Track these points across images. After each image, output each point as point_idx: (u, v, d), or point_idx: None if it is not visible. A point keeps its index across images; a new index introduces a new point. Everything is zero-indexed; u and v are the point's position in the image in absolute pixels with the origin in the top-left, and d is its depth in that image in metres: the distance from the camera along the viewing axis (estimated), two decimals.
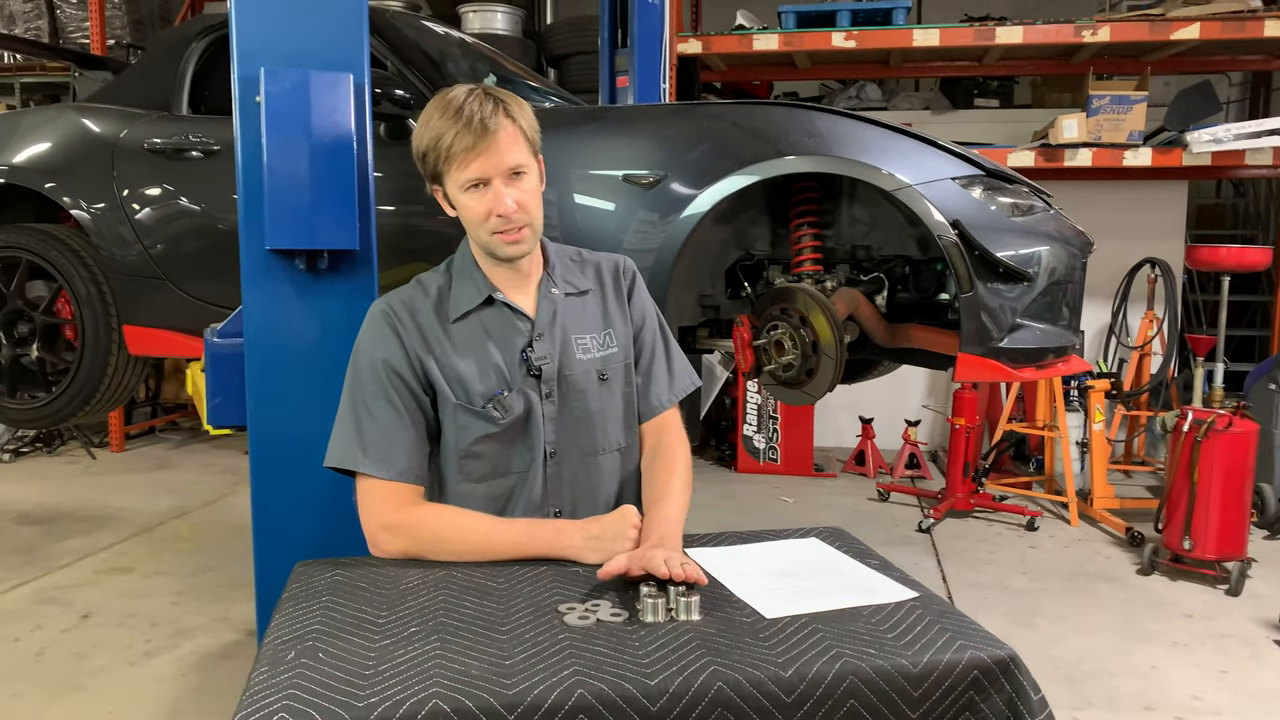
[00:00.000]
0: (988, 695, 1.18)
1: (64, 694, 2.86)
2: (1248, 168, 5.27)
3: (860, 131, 2.61)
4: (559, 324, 1.70)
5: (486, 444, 1.66)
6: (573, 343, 1.70)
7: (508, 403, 1.64)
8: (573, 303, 1.73)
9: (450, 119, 1.56)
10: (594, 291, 1.77)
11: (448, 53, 3.27)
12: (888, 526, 4.72)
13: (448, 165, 1.58)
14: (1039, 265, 2.54)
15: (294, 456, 2.01)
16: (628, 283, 1.80)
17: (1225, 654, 3.26)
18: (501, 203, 1.58)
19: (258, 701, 1.07)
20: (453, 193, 1.62)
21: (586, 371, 1.70)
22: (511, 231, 1.61)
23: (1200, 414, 3.94)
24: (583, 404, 1.70)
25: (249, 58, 1.94)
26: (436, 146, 1.57)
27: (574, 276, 1.76)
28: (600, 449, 1.72)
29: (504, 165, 1.58)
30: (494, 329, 1.68)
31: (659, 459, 1.74)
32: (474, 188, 1.59)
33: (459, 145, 1.55)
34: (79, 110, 3.49)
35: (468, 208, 1.61)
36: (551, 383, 1.67)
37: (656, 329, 1.82)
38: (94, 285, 3.31)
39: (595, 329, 1.73)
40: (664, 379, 1.79)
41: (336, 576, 1.48)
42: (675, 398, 1.80)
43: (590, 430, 1.71)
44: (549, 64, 6.11)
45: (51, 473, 5.66)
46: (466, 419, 1.65)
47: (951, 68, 6.17)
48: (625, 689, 1.10)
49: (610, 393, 1.73)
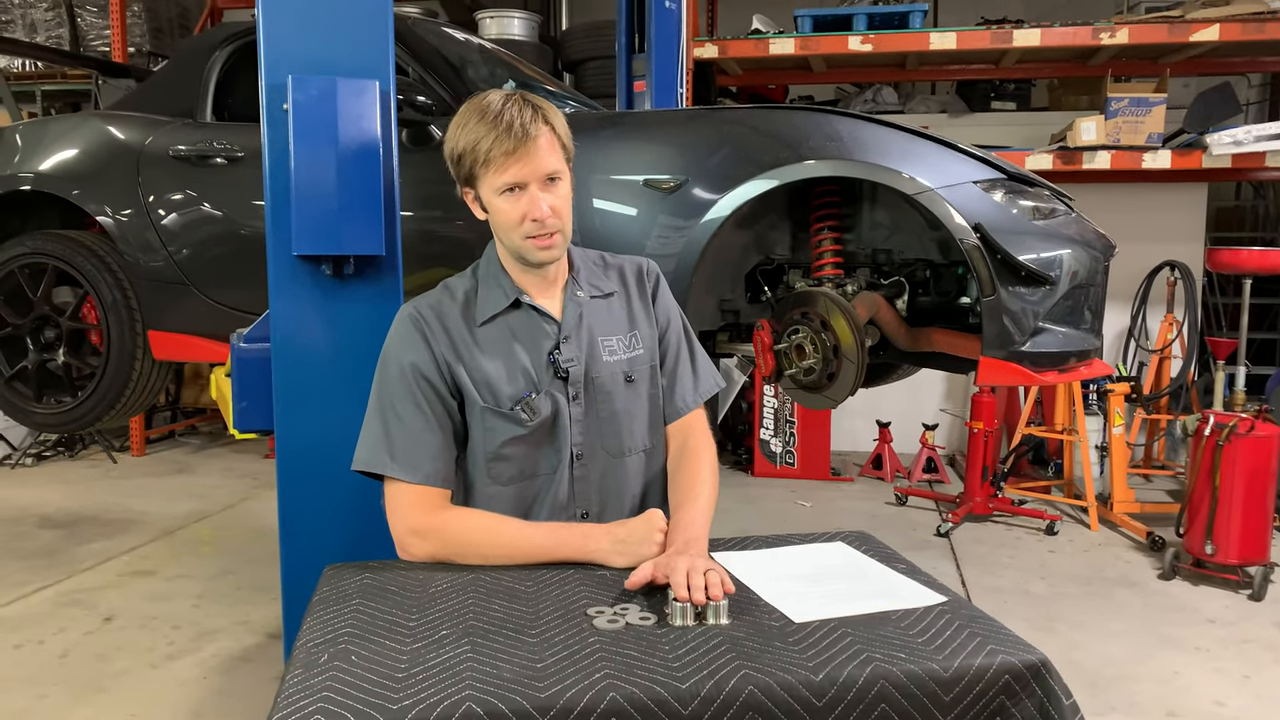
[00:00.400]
0: (1019, 700, 1.18)
1: (88, 696, 2.88)
2: (1269, 169, 5.23)
3: (881, 135, 2.61)
4: (585, 326, 1.71)
5: (514, 446, 1.67)
6: (599, 345, 1.71)
7: (535, 405, 1.66)
8: (598, 305, 1.75)
9: (489, 124, 1.57)
10: (619, 294, 1.78)
11: (468, 59, 3.29)
12: (905, 531, 4.71)
13: (485, 169, 1.59)
14: (1061, 268, 2.53)
15: (321, 460, 2.03)
16: (651, 284, 1.81)
17: (1248, 659, 3.24)
18: (537, 207, 1.60)
19: (294, 703, 1.08)
20: (486, 196, 1.63)
21: (613, 373, 1.71)
22: (544, 237, 1.62)
23: (1222, 418, 3.92)
24: (609, 405, 1.71)
25: (276, 65, 1.96)
26: (474, 150, 1.58)
27: (598, 279, 1.78)
28: (626, 450, 1.73)
29: (541, 171, 1.59)
30: (521, 332, 1.69)
31: (685, 460, 1.75)
32: (509, 192, 1.60)
33: (498, 149, 1.56)
34: (104, 118, 3.53)
35: (502, 211, 1.62)
36: (578, 385, 1.69)
37: (681, 330, 1.83)
38: (119, 291, 3.34)
39: (621, 331, 1.74)
40: (689, 380, 1.80)
41: (365, 580, 1.49)
42: (700, 399, 1.81)
43: (617, 432, 1.72)
44: (565, 69, 6.13)
45: (73, 477, 5.70)
46: (494, 421, 1.66)
47: (968, 71, 6.15)
48: (657, 692, 1.11)
49: (636, 394, 1.74)
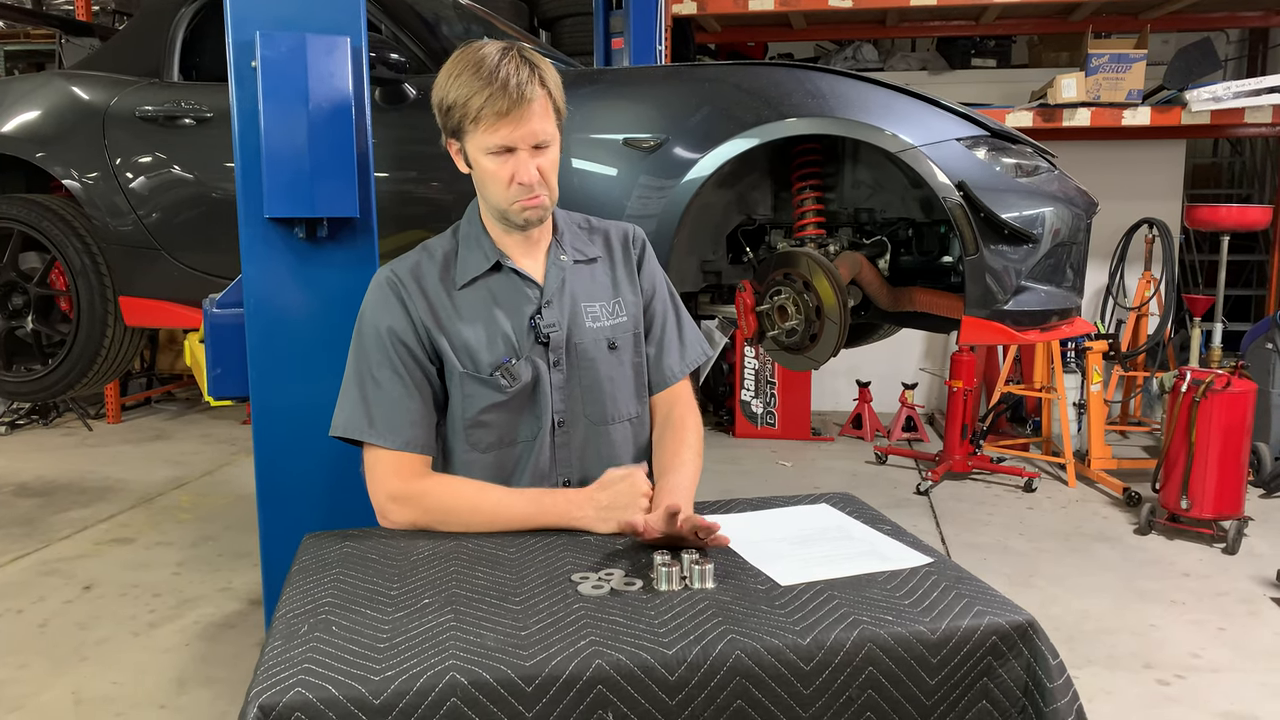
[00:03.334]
0: (1006, 660, 1.18)
1: (69, 665, 2.86)
2: (1247, 126, 5.24)
3: (863, 92, 2.58)
4: (568, 291, 1.68)
5: (493, 413, 1.65)
6: (582, 310, 1.68)
7: (515, 370, 1.63)
8: (581, 270, 1.71)
9: (485, 79, 1.51)
10: (603, 259, 1.75)
11: (442, 15, 3.21)
12: (886, 489, 4.74)
13: (475, 125, 1.54)
14: (1043, 226, 2.52)
15: (298, 426, 2.00)
16: (637, 252, 1.78)
17: (1223, 612, 3.29)
18: (526, 171, 1.56)
19: (273, 675, 1.06)
20: (473, 152, 1.59)
21: (596, 340, 1.68)
22: (530, 199, 1.59)
23: (1198, 374, 3.94)
24: (592, 373, 1.68)
25: (243, 22, 1.91)
26: (466, 104, 1.53)
27: (583, 244, 1.74)
28: (610, 418, 1.71)
29: (533, 135, 1.55)
30: (502, 296, 1.66)
31: (670, 429, 1.73)
32: (498, 153, 1.56)
33: (490, 108, 1.51)
34: (68, 78, 3.43)
35: (489, 171, 1.58)
36: (560, 351, 1.66)
37: (668, 298, 1.80)
38: (88, 256, 3.28)
39: (605, 297, 1.71)
40: (675, 349, 1.78)
41: (346, 548, 1.47)
42: (687, 368, 1.79)
43: (599, 399, 1.69)
44: (542, 26, 6.02)
45: (48, 445, 5.64)
46: (474, 387, 1.63)
47: (948, 27, 6.10)
48: (643, 658, 1.10)
49: (620, 362, 1.71)
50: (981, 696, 1.18)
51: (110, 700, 2.67)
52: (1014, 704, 1.19)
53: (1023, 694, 1.19)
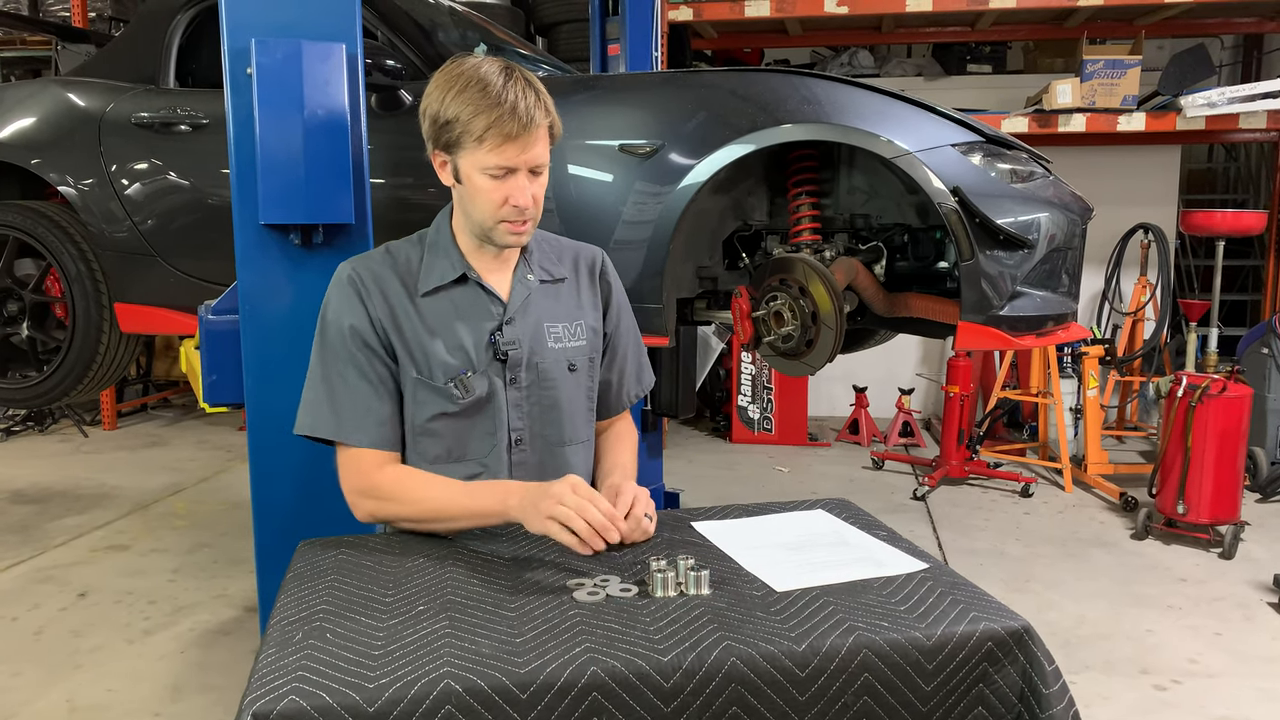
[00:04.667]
0: (1001, 666, 1.18)
1: (64, 672, 2.85)
2: (1241, 131, 5.26)
3: (859, 98, 2.58)
4: (532, 311, 1.67)
5: (442, 422, 1.63)
6: (545, 330, 1.67)
7: (469, 383, 1.61)
8: (547, 290, 1.70)
9: (492, 100, 1.48)
10: (569, 281, 1.74)
11: (438, 21, 3.22)
12: (883, 495, 4.74)
13: (476, 144, 1.51)
14: (1039, 232, 2.52)
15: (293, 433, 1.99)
16: (604, 285, 1.78)
17: (1220, 617, 3.29)
18: (522, 195, 1.55)
19: (267, 683, 1.06)
20: (467, 169, 1.55)
21: (557, 360, 1.68)
22: (518, 224, 1.58)
23: (1194, 379, 3.95)
24: (552, 393, 1.67)
25: (239, 29, 1.91)
26: (470, 122, 1.50)
27: (550, 264, 1.73)
28: (567, 440, 1.71)
29: (533, 160, 1.54)
30: (464, 308, 1.64)
31: (613, 436, 1.80)
32: (495, 174, 1.54)
33: (499, 130, 1.49)
34: (63, 84, 3.43)
35: (482, 191, 1.55)
36: (518, 369, 1.65)
37: (631, 327, 1.82)
38: (83, 263, 3.27)
39: (567, 319, 1.70)
40: (634, 377, 1.83)
41: (341, 555, 1.47)
42: (642, 393, 1.85)
43: (558, 420, 1.69)
44: (538, 32, 6.04)
45: (44, 451, 5.63)
46: (425, 394, 1.62)
47: (944, 33, 6.12)
48: (638, 665, 1.10)
49: (577, 384, 1.71)
50: (977, 703, 1.18)
51: (104, 708, 2.67)
52: (1010, 710, 1.19)
53: (1018, 700, 1.19)
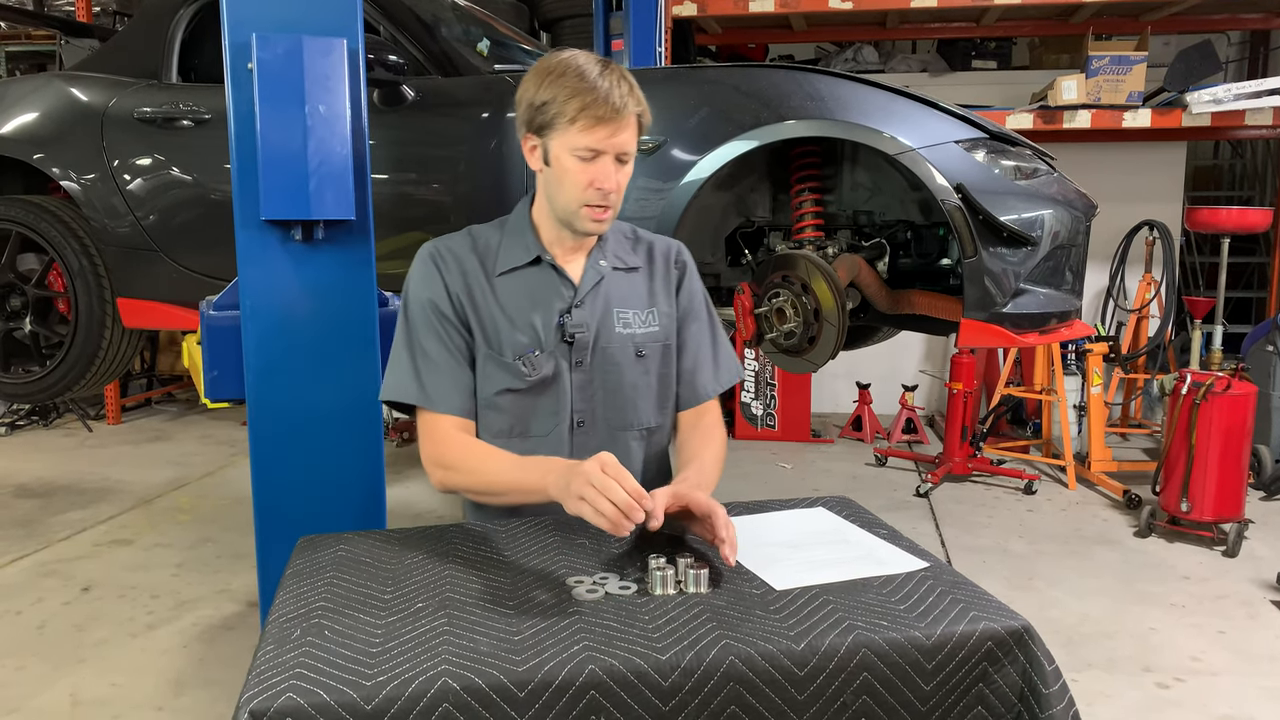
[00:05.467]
0: (1001, 666, 1.17)
1: (67, 666, 2.86)
2: (1248, 128, 5.23)
3: (862, 94, 2.58)
4: (602, 295, 1.70)
5: (508, 397, 1.67)
6: (614, 315, 1.70)
7: (536, 361, 1.66)
8: (619, 277, 1.73)
9: (588, 85, 1.54)
10: (643, 270, 1.76)
11: (441, 17, 3.21)
12: (885, 491, 4.73)
13: (569, 125, 1.55)
14: (1042, 229, 2.52)
15: (294, 429, 2.00)
16: (679, 268, 1.79)
17: (1223, 615, 3.28)
18: (608, 179, 1.58)
19: (265, 680, 1.06)
20: (556, 150, 1.59)
21: (623, 345, 1.70)
22: (600, 210, 1.62)
23: (1199, 376, 3.93)
24: (617, 377, 1.70)
25: (240, 24, 1.90)
26: (565, 104, 1.55)
27: (625, 253, 1.76)
28: (630, 424, 1.73)
29: (621, 146, 1.58)
30: (537, 289, 1.69)
31: (697, 432, 1.75)
32: (585, 156, 1.58)
33: (593, 112, 1.54)
34: (66, 79, 3.43)
35: (570, 172, 1.59)
36: (584, 352, 1.68)
37: (706, 318, 1.81)
38: (86, 258, 3.28)
39: (639, 305, 1.73)
40: (710, 368, 1.79)
41: (340, 552, 1.46)
42: (720, 388, 1.80)
43: (621, 405, 1.71)
44: (542, 28, 6.02)
45: (48, 446, 5.64)
46: (493, 369, 1.67)
47: (949, 29, 6.09)
48: (636, 664, 1.09)
49: (645, 370, 1.73)
50: (977, 702, 1.18)
51: (107, 702, 2.67)
52: (1009, 710, 1.18)
53: (1018, 700, 1.18)
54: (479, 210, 2.82)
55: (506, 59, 3.25)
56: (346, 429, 2.05)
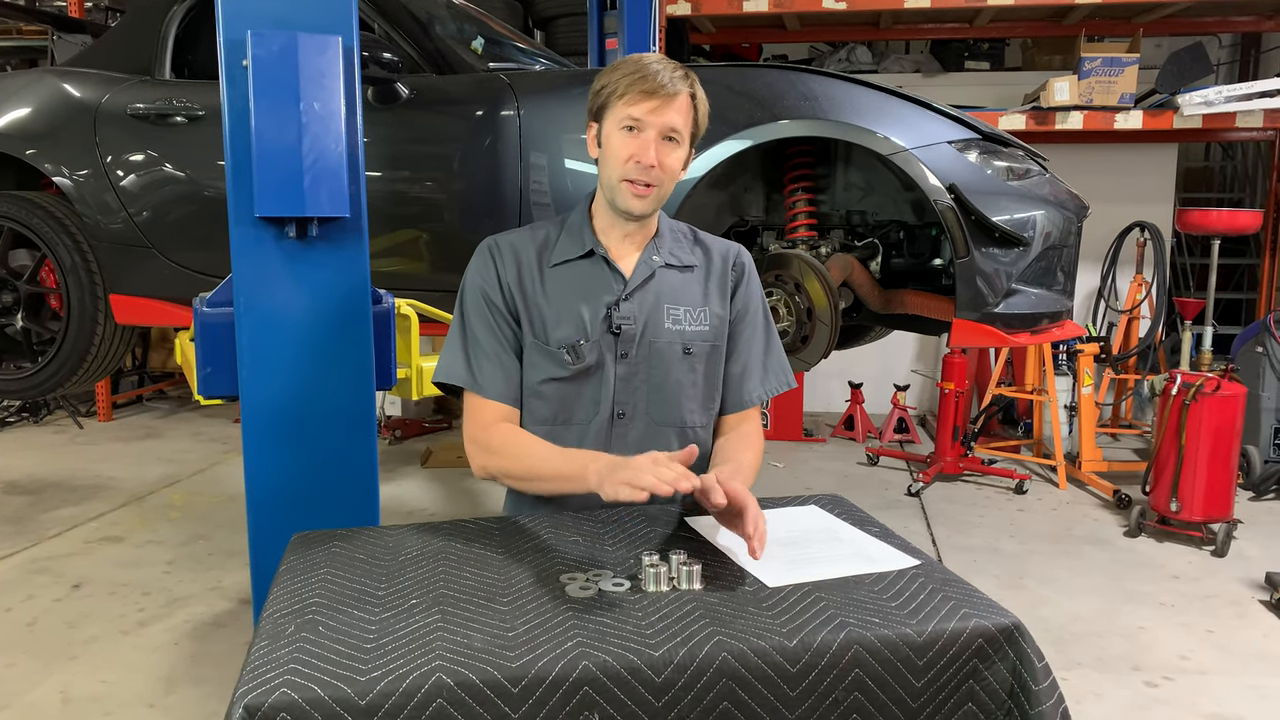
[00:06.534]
0: (992, 663, 1.18)
1: (58, 664, 2.85)
2: (1238, 130, 5.26)
3: (855, 94, 2.58)
4: (653, 290, 1.72)
5: (552, 386, 1.70)
6: (663, 311, 1.72)
7: (581, 351, 1.69)
8: (673, 274, 1.75)
9: (643, 66, 1.62)
10: (699, 269, 1.78)
11: (435, 14, 3.21)
12: (877, 491, 4.75)
13: (618, 100, 1.62)
14: (1034, 230, 2.53)
15: (287, 426, 2.00)
16: (736, 271, 1.80)
17: (1212, 614, 3.30)
18: (647, 152, 1.62)
19: (259, 676, 1.06)
20: (607, 128, 1.65)
21: (670, 341, 1.72)
22: (640, 185, 1.64)
23: (1189, 377, 3.96)
24: (661, 372, 1.72)
25: (235, 20, 1.90)
26: (615, 84, 1.62)
27: (681, 251, 1.78)
28: (672, 420, 1.74)
29: (666, 122, 1.62)
30: (587, 281, 1.71)
31: (735, 436, 1.78)
32: (628, 129, 1.62)
33: (638, 87, 1.60)
34: (59, 75, 3.42)
35: (614, 144, 1.64)
36: (630, 344, 1.70)
37: (760, 323, 1.82)
38: (79, 254, 3.27)
39: (691, 304, 1.75)
40: (758, 374, 1.80)
41: (334, 548, 1.47)
42: (767, 395, 1.82)
43: (663, 400, 1.73)
44: (536, 26, 6.02)
45: (38, 442, 5.62)
46: (538, 357, 1.70)
47: (942, 30, 6.11)
48: (630, 660, 1.10)
49: (692, 368, 1.74)
50: (967, 699, 1.18)
51: (98, 699, 2.67)
52: (1000, 706, 1.19)
53: (1008, 696, 1.19)
54: (473, 208, 2.82)
55: (501, 57, 3.25)
56: (340, 426, 2.05)
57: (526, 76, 2.94)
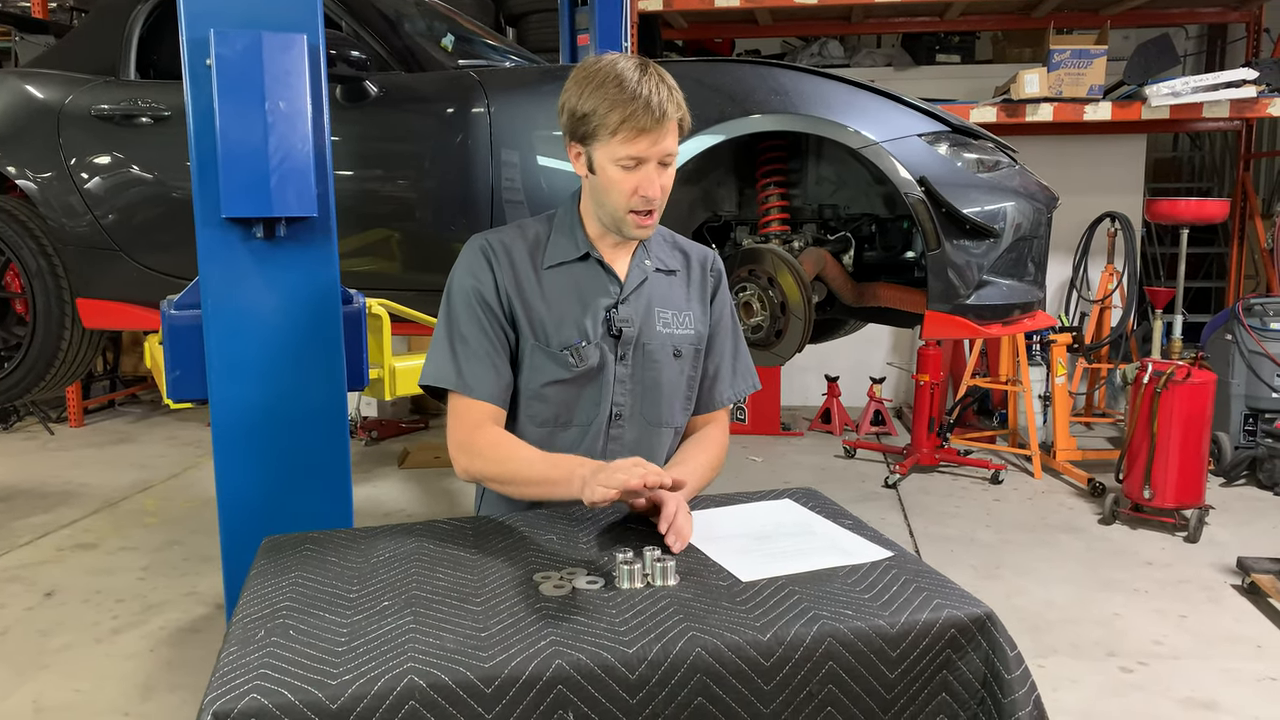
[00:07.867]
0: (965, 653, 1.19)
1: (30, 672, 2.82)
2: (1206, 120, 5.32)
3: (827, 89, 2.59)
4: (645, 294, 1.74)
5: (554, 388, 1.70)
6: (655, 314, 1.74)
7: (584, 353, 1.69)
8: (660, 278, 1.77)
9: (628, 94, 1.55)
10: (681, 274, 1.80)
11: (404, 12, 3.19)
12: (854, 483, 4.76)
13: (611, 136, 1.57)
14: (1005, 221, 2.55)
15: (258, 429, 1.98)
16: (714, 278, 1.83)
17: (1185, 599, 3.34)
18: (652, 185, 1.61)
19: (228, 682, 1.05)
20: (600, 160, 1.61)
21: (663, 344, 1.74)
22: (645, 215, 1.64)
23: (1160, 365, 4.00)
24: (656, 374, 1.74)
25: (198, 19, 1.87)
26: (606, 116, 1.56)
27: (665, 256, 1.80)
28: (663, 421, 1.77)
29: (663, 149, 1.60)
30: (584, 283, 1.71)
31: (697, 438, 1.82)
32: (627, 164, 1.59)
33: (633, 124, 1.55)
34: (21, 76, 3.38)
35: (614, 181, 1.61)
36: (629, 346, 1.71)
37: (731, 329, 1.85)
38: (44, 258, 3.22)
39: (676, 307, 1.77)
40: (728, 378, 1.84)
41: (305, 551, 1.45)
42: (736, 397, 1.86)
43: (657, 401, 1.75)
44: (507, 22, 5.99)
45: (8, 449, 5.54)
46: (541, 360, 1.70)
47: (913, 23, 6.15)
48: (603, 658, 1.09)
49: (680, 370, 1.76)
50: (941, 689, 1.19)
51: (72, 708, 2.63)
52: (973, 695, 1.20)
53: (981, 686, 1.20)
54: (443, 206, 2.80)
55: (471, 54, 3.23)
56: (312, 428, 2.03)
57: (497, 73, 2.92)
